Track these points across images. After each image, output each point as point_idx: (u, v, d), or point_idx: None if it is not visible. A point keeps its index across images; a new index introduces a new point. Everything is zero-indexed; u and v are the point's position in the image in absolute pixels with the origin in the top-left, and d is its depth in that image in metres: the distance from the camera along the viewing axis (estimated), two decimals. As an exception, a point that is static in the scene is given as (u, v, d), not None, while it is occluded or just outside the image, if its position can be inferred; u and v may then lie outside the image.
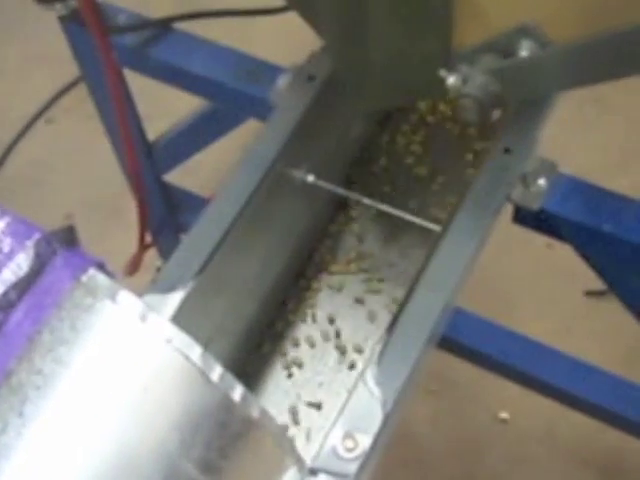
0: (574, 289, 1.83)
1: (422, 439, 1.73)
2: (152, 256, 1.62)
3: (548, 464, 1.66)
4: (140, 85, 1.39)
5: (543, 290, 1.85)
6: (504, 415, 1.72)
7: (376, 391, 0.77)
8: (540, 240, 1.67)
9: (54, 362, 0.54)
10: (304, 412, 0.93)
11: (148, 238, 1.61)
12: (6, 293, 0.54)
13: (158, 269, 0.89)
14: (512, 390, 1.50)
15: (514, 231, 1.04)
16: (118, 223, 1.97)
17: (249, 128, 1.26)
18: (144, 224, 1.46)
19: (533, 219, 0.96)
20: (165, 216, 1.61)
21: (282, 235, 0.99)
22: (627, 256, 0.94)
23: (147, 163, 1.46)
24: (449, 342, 1.32)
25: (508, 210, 0.97)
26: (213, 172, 1.93)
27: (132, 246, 1.56)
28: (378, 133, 1.10)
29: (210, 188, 0.97)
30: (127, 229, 1.56)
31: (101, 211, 2.16)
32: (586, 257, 1.02)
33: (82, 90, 1.48)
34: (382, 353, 0.80)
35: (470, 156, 1.07)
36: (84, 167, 2.14)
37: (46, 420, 0.53)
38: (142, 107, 1.43)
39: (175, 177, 1.61)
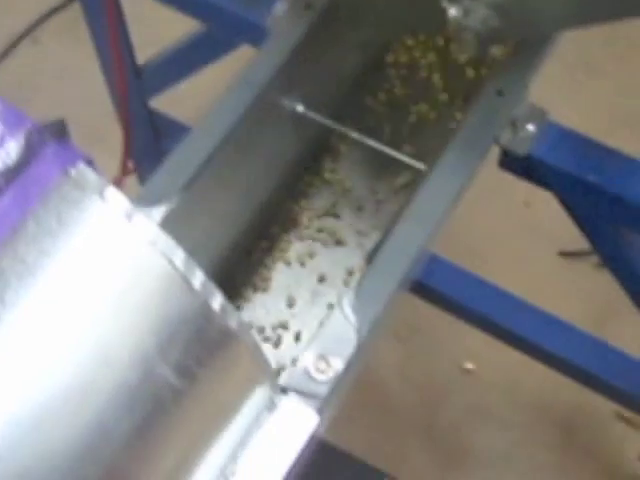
0: (548, 249, 1.84)
1: (387, 385, 1.75)
2: (133, 185, 1.61)
3: (509, 416, 1.69)
4: (133, 11, 1.37)
5: (517, 248, 1.85)
6: (469, 366, 1.74)
7: (352, 317, 0.78)
8: (518, 197, 1.68)
9: (38, 252, 0.53)
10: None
11: (131, 165, 1.60)
12: (-7, 180, 0.54)
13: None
14: (480, 341, 1.51)
15: (492, 186, 1.03)
16: (101, 148, 1.94)
17: (241, 60, 1.25)
18: (128, 148, 1.45)
19: (519, 165, 0.96)
20: (149, 143, 1.60)
21: (267, 163, 0.99)
22: (609, 208, 0.95)
23: (135, 86, 1.45)
24: (422, 287, 1.33)
25: (489, 162, 0.96)
26: (201, 102, 1.91)
27: (114, 171, 1.56)
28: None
29: (197, 118, 0.96)
30: (110, 154, 1.55)
31: (84, 134, 2.12)
32: (568, 207, 1.02)
33: (71, 12, 1.46)
34: (361, 281, 0.81)
35: (461, 100, 1.06)
36: (69, 90, 2.11)
37: (26, 308, 0.53)
38: (134, 34, 1.41)
39: (162, 106, 1.60)
